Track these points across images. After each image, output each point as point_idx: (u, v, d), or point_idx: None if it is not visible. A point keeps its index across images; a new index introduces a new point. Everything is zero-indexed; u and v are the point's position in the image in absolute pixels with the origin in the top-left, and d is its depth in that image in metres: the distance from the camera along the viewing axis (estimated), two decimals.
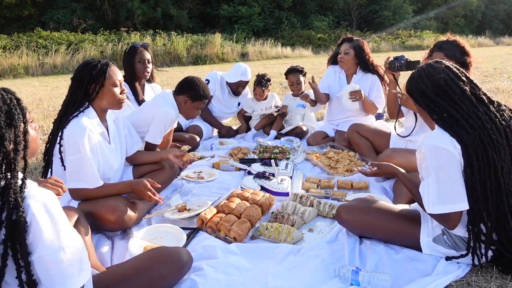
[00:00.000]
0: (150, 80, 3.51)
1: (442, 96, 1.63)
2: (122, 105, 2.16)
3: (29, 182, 1.09)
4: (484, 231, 1.62)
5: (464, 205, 1.58)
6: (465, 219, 1.65)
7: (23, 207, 1.02)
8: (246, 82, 4.14)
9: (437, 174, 1.60)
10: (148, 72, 3.35)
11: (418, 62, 2.74)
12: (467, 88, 1.63)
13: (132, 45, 3.33)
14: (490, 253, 1.67)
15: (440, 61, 1.72)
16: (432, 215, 1.67)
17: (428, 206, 1.65)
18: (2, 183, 1.03)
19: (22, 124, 1.13)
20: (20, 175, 1.08)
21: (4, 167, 1.05)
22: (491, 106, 1.65)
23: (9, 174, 1.05)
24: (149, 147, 2.81)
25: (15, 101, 1.13)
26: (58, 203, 1.13)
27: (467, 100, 1.62)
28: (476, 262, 1.65)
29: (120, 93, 2.12)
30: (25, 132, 1.14)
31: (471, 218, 1.61)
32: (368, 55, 3.59)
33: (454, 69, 1.68)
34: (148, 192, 2.10)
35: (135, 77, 3.32)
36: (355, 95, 3.41)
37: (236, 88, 4.11)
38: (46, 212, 1.06)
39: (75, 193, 2.03)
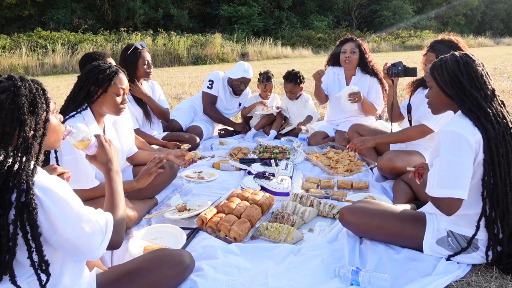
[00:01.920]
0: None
1: (475, 87, 1.65)
2: (120, 113, 2.15)
3: (39, 169, 1.14)
4: (498, 228, 1.63)
5: (464, 194, 1.57)
6: (473, 218, 1.66)
7: (33, 191, 1.07)
8: (249, 80, 4.12)
9: (448, 158, 1.59)
10: (151, 73, 3.36)
11: (415, 69, 2.74)
12: (495, 88, 1.69)
13: (135, 46, 3.32)
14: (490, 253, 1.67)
15: (474, 56, 1.74)
16: (432, 199, 1.66)
17: (430, 189, 1.64)
18: (16, 166, 1.09)
19: (44, 113, 1.19)
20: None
21: (21, 151, 1.11)
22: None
23: (24, 158, 1.11)
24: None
25: (41, 91, 1.20)
26: (66, 185, 1.18)
27: (495, 99, 1.67)
28: (489, 259, 1.66)
29: (121, 103, 2.11)
30: (46, 121, 1.20)
31: (488, 214, 1.61)
32: (369, 55, 3.58)
33: (485, 68, 1.72)
34: (153, 168, 2.11)
35: (136, 78, 3.33)
36: (354, 97, 3.41)
37: (238, 86, 4.10)
38: (54, 195, 1.12)
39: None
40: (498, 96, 1.70)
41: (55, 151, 1.95)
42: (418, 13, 28.84)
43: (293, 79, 4.06)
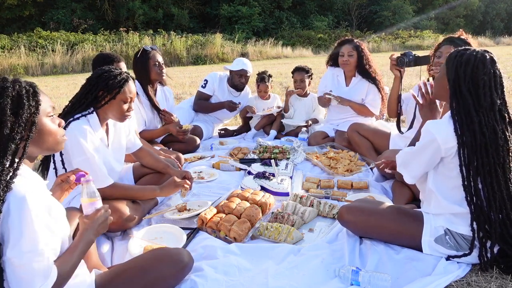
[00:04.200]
0: (161, 83, 3.53)
1: (473, 93, 1.62)
2: (125, 120, 2.15)
3: (27, 174, 1.10)
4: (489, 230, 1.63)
5: (410, 180, 1.82)
6: (467, 217, 1.66)
7: (4, 198, 1.03)
8: (248, 73, 4.12)
9: (416, 148, 1.73)
10: (164, 74, 3.38)
11: (427, 56, 2.70)
12: (498, 102, 1.63)
13: (143, 49, 3.33)
14: (494, 251, 1.68)
15: (495, 61, 1.67)
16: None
17: (397, 157, 1.89)
18: None
19: (30, 115, 1.16)
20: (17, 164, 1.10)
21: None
22: (509, 127, 1.64)
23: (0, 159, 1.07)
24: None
25: (32, 93, 1.17)
26: (43, 201, 1.12)
27: (492, 112, 1.62)
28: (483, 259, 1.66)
29: (127, 110, 2.10)
30: (32, 123, 1.16)
31: (475, 217, 1.62)
32: (368, 58, 3.56)
33: (498, 77, 1.65)
34: (183, 185, 2.19)
35: (149, 81, 3.34)
36: (337, 99, 3.53)
37: (238, 80, 4.09)
38: (24, 210, 1.07)
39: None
40: (503, 110, 1.63)
41: (61, 155, 1.94)
42: (418, 13, 28.80)
43: (303, 69, 4.15)
